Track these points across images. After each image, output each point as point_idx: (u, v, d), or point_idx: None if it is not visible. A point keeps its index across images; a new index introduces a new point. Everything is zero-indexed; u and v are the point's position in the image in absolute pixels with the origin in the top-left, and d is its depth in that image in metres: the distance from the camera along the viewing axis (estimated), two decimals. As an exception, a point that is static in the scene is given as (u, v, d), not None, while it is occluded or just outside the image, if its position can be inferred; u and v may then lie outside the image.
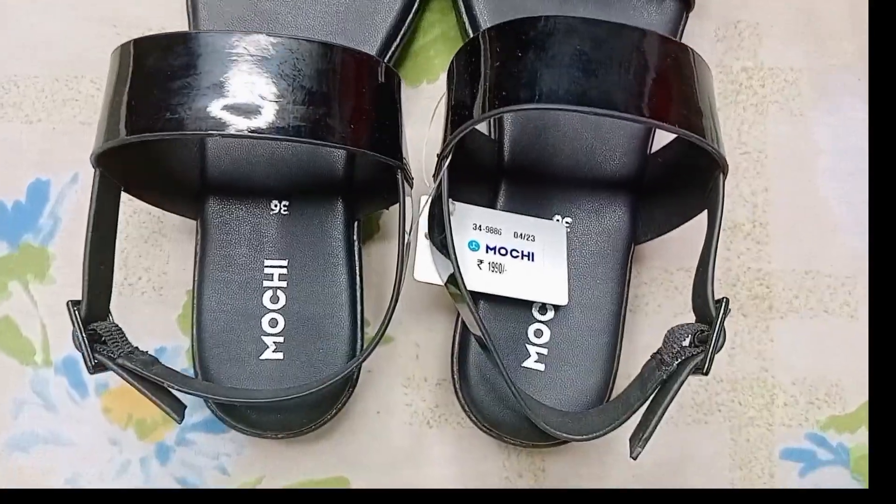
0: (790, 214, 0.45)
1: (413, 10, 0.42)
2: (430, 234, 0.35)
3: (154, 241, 0.44)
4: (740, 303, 0.45)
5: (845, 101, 0.46)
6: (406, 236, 0.34)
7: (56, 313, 0.43)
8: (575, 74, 0.29)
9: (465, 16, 0.41)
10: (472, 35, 0.42)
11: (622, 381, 0.42)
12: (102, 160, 0.31)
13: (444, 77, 0.45)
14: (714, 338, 0.31)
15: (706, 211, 0.34)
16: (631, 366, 0.43)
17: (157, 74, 0.30)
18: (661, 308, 0.44)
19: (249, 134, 0.29)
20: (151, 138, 0.30)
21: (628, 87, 0.30)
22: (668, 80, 0.31)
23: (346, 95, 0.31)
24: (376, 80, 0.33)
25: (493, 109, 0.30)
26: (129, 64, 0.31)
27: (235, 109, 0.29)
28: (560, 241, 0.38)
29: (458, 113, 0.32)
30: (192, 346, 0.38)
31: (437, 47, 0.45)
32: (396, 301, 0.33)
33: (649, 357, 0.34)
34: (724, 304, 0.31)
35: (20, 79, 0.45)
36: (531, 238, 0.38)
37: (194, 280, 0.39)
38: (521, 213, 0.39)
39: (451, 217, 0.36)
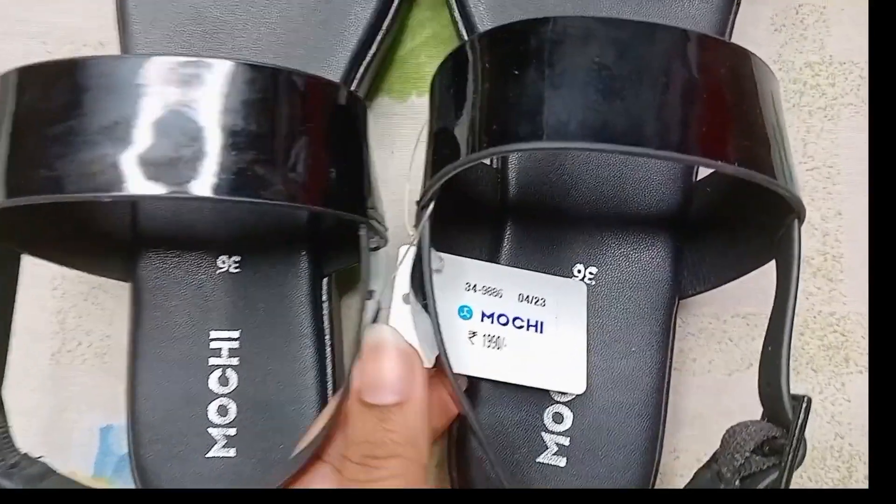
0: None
1: (393, 8, 0.33)
2: (415, 297, 0.27)
3: (94, 298, 0.36)
4: (810, 355, 0.36)
5: (938, 101, 0.37)
6: (373, 304, 0.26)
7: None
8: (592, 98, 0.21)
9: (457, 12, 0.33)
10: (466, 36, 0.33)
11: (668, 461, 0.34)
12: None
13: (437, 88, 0.37)
14: (792, 451, 0.23)
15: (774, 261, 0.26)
16: (676, 440, 0.35)
17: (33, 117, 0.22)
18: (711, 365, 0.36)
19: (148, 194, 0.22)
20: (26, 202, 0.22)
21: (667, 113, 0.21)
22: (722, 101, 0.22)
23: (289, 134, 0.24)
24: (332, 111, 0.25)
25: (482, 149, 0.22)
26: (7, 102, 0.23)
27: (133, 162, 0.21)
28: (579, 306, 0.30)
29: (439, 151, 0.24)
30: (128, 439, 0.31)
31: (428, 51, 0.37)
32: (347, 388, 0.25)
33: (703, 465, 0.25)
34: (804, 404, 0.23)
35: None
36: (541, 302, 0.29)
37: (127, 358, 0.31)
38: (531, 263, 0.31)
39: (439, 275, 0.28)
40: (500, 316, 0.29)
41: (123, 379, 0.35)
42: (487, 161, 0.33)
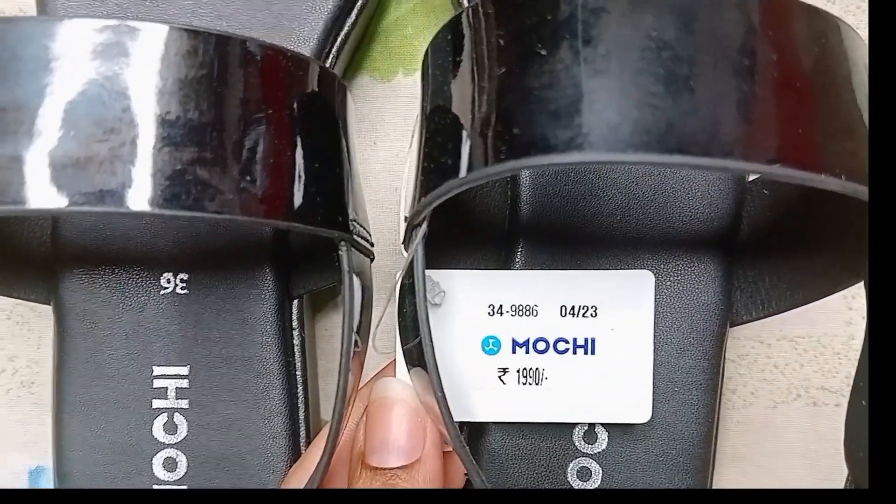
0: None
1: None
2: (402, 340, 0.22)
3: (19, 318, 0.31)
4: (868, 382, 0.31)
5: None
6: (354, 340, 0.21)
7: None
8: (652, 90, 0.15)
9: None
10: (464, 1, 0.27)
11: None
12: None
13: (430, 64, 0.31)
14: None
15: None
16: (713, 484, 0.30)
17: None
18: (755, 396, 0.31)
19: (47, 209, 0.16)
20: None
21: (754, 112, 0.15)
22: (815, 90, 0.16)
23: (243, 124, 0.18)
24: (301, 94, 0.19)
25: (498, 162, 0.16)
26: None
27: (26, 163, 0.16)
28: (645, 306, 0.24)
29: (435, 159, 0.18)
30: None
31: (415, 22, 0.31)
32: (334, 441, 0.21)
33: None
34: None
35: None
36: (591, 312, 0.24)
37: (53, 398, 0.25)
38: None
39: (436, 308, 0.23)
40: (536, 342, 0.23)
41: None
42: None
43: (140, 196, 0.17)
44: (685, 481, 0.25)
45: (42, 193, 0.16)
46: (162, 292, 0.25)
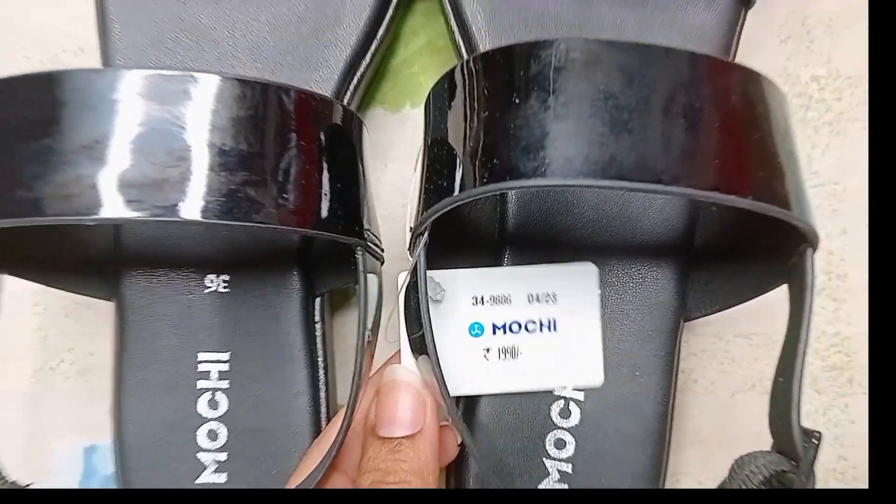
0: (876, 262, 0.35)
1: (388, 17, 0.32)
2: (408, 331, 0.26)
3: (76, 314, 0.35)
4: (814, 376, 0.35)
5: (948, 115, 0.36)
6: (367, 334, 0.25)
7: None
8: (600, 131, 0.20)
9: (453, 21, 0.32)
10: (462, 45, 0.32)
11: (671, 484, 0.33)
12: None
13: (433, 98, 0.36)
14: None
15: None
16: (678, 462, 0.34)
17: (7, 134, 0.21)
18: (713, 386, 0.35)
19: (132, 217, 0.20)
20: (3, 225, 0.21)
21: (678, 147, 0.20)
22: (735, 130, 0.21)
23: (281, 153, 0.23)
24: (326, 129, 0.24)
25: (482, 184, 0.21)
26: None
27: (114, 182, 0.20)
28: (591, 291, 0.29)
29: (434, 181, 0.23)
30: (115, 465, 0.30)
31: (422, 61, 0.36)
32: (350, 419, 0.25)
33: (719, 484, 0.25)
34: (816, 441, 0.22)
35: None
36: (552, 298, 0.29)
37: (113, 380, 0.30)
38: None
39: (439, 306, 0.27)
40: (511, 325, 0.28)
41: (107, 397, 0.34)
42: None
43: (203, 209, 0.21)
44: (644, 452, 0.29)
45: (127, 206, 0.21)
46: (206, 291, 0.30)
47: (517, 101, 0.21)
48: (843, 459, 0.35)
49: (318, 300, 0.31)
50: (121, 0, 0.31)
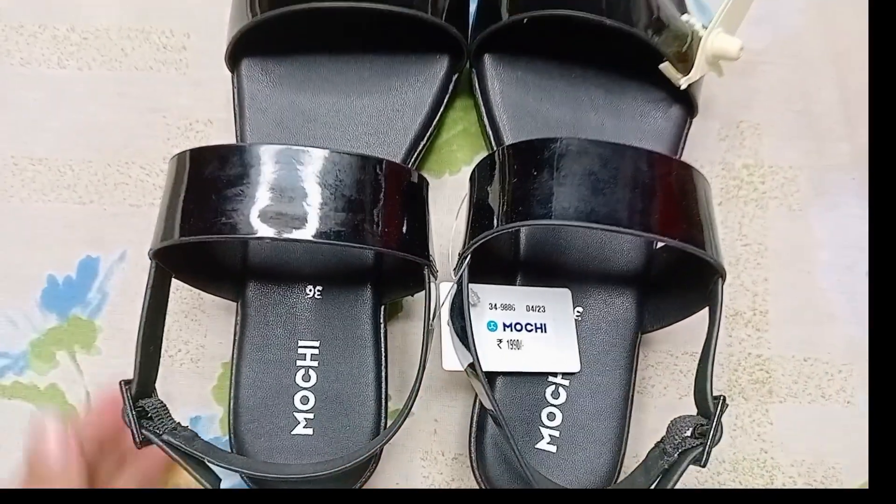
0: (789, 303, 0.48)
1: (440, 111, 0.45)
2: (452, 322, 0.38)
3: (193, 316, 0.47)
4: (741, 387, 0.47)
5: (842, 199, 0.49)
6: (430, 325, 0.37)
7: (100, 382, 0.46)
8: (584, 193, 0.33)
9: (485, 117, 0.45)
10: (490, 134, 0.45)
11: (630, 462, 0.44)
12: (158, 254, 0.35)
13: (465, 169, 0.49)
14: (711, 433, 0.34)
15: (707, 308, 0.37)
16: (639, 446, 0.45)
17: (214, 181, 0.33)
18: (666, 390, 0.47)
19: (297, 239, 0.32)
20: (207, 240, 0.33)
21: (633, 205, 0.33)
22: (670, 197, 0.34)
23: (382, 202, 0.34)
24: (408, 187, 0.36)
25: (510, 223, 0.33)
26: (184, 171, 0.34)
27: (284, 216, 0.32)
28: (567, 307, 0.41)
29: (478, 221, 0.35)
30: (228, 418, 0.41)
31: (459, 142, 0.49)
32: (419, 387, 0.36)
33: (654, 444, 0.36)
34: (721, 401, 0.34)
35: (75, 163, 0.48)
36: (542, 309, 0.41)
37: (232, 357, 0.42)
38: (536, 303, 0.42)
39: (472, 308, 0.39)
40: (515, 324, 0.40)
41: (212, 380, 0.46)
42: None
43: (334, 236, 0.32)
44: (612, 424, 0.41)
45: (263, 228, 0.32)
46: (306, 297, 0.42)
47: (535, 173, 0.34)
48: (764, 452, 0.47)
49: (382, 307, 0.43)
50: (253, 89, 0.44)
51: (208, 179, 0.33)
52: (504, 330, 0.40)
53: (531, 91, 0.45)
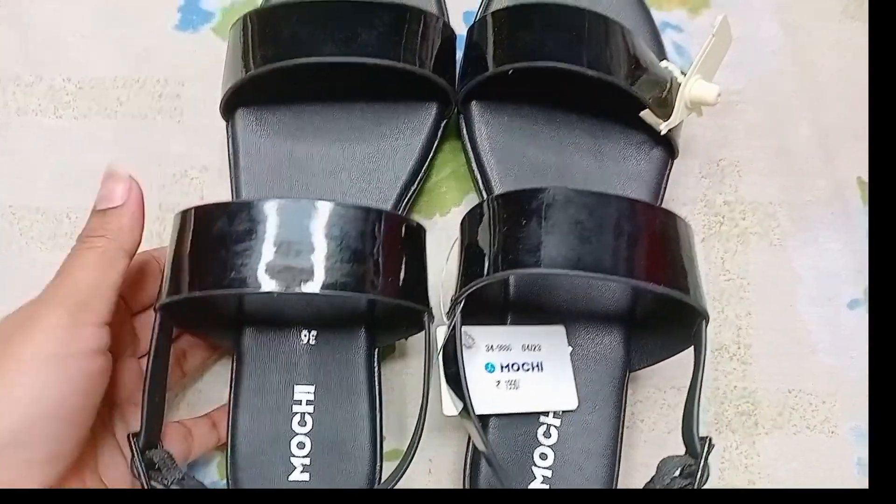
0: (772, 336, 0.49)
1: (430, 157, 0.46)
2: (445, 367, 0.39)
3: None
4: (728, 419, 0.48)
5: (821, 233, 0.51)
6: (429, 371, 0.37)
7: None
8: (572, 242, 0.34)
9: (473, 162, 0.46)
10: (479, 177, 0.46)
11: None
12: (164, 308, 0.36)
13: (454, 210, 0.50)
14: (699, 475, 0.35)
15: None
16: (629, 480, 0.46)
17: (223, 238, 0.34)
18: (655, 425, 0.48)
19: (305, 292, 0.33)
20: (216, 294, 0.34)
21: (619, 253, 0.34)
22: (654, 245, 0.35)
23: (384, 252, 0.35)
24: (408, 236, 0.37)
25: (501, 271, 0.34)
26: (189, 227, 0.35)
27: (292, 269, 0.33)
28: (562, 344, 0.42)
29: (470, 268, 0.37)
30: (227, 465, 0.42)
31: (448, 184, 0.50)
32: (420, 437, 0.36)
33: (644, 484, 0.37)
34: (707, 442, 0.35)
35: (73, 210, 0.49)
36: (537, 348, 0.42)
37: (229, 403, 0.42)
38: (526, 344, 0.43)
39: (468, 350, 0.40)
40: (512, 364, 0.41)
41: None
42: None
43: (340, 286, 0.33)
44: (602, 461, 0.42)
45: (272, 283, 0.33)
46: (301, 343, 0.43)
47: (524, 222, 0.35)
48: (752, 483, 0.48)
49: (376, 350, 0.44)
50: (247, 138, 0.45)
51: (216, 236, 0.34)
52: (502, 371, 0.41)
53: (517, 136, 0.46)
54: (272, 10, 0.44)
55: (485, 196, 0.46)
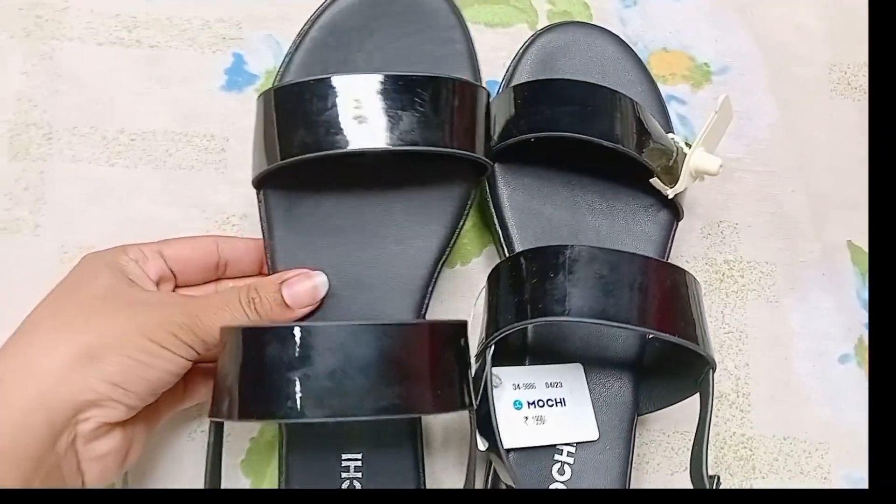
0: (768, 386, 0.53)
1: (464, 217, 0.48)
2: (477, 409, 0.42)
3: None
4: (727, 463, 0.52)
5: (813, 293, 0.55)
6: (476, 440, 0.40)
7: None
8: (596, 294, 0.38)
9: (495, 218, 0.50)
10: (500, 231, 0.50)
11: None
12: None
13: (474, 260, 0.54)
14: (708, 508, 0.38)
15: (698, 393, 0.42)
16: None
17: (275, 363, 0.35)
18: (660, 467, 0.51)
19: (356, 418, 0.35)
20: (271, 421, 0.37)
21: (638, 305, 0.38)
22: (668, 298, 0.39)
23: (429, 365, 0.37)
24: (452, 344, 0.38)
25: (532, 318, 0.38)
26: (250, 349, 0.36)
27: (343, 394, 0.34)
28: (581, 380, 0.46)
29: (501, 315, 0.40)
30: None
31: (469, 236, 0.54)
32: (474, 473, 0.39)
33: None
34: (716, 480, 0.39)
35: (119, 252, 0.52)
36: (559, 385, 0.46)
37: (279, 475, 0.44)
38: (543, 385, 0.47)
39: (496, 389, 0.44)
40: (538, 401, 0.45)
41: (240, 455, 0.49)
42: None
43: (392, 410, 0.34)
44: (614, 498, 0.45)
45: (317, 411, 0.34)
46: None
47: (551, 275, 0.39)
48: (749, 525, 0.51)
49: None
50: (274, 218, 0.46)
51: (274, 360, 0.35)
52: (528, 407, 0.45)
53: (535, 196, 0.50)
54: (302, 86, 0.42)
55: (504, 249, 0.49)
